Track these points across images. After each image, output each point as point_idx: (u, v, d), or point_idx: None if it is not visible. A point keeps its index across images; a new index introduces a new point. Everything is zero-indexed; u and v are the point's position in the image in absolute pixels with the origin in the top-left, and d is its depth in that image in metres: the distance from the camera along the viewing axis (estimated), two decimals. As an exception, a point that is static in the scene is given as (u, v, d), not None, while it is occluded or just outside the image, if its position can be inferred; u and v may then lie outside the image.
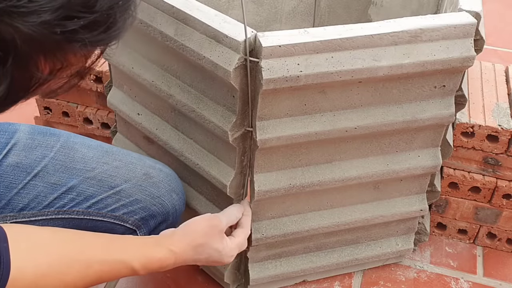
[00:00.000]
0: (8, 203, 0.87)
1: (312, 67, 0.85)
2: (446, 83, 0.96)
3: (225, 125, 0.91)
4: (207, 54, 0.87)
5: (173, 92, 0.98)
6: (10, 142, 0.89)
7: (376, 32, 0.87)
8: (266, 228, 1.04)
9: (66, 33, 0.46)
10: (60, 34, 0.46)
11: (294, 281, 1.18)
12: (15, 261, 0.63)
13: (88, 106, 1.40)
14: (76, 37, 0.48)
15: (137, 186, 0.93)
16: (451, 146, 1.07)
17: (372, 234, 1.16)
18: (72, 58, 0.51)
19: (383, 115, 0.96)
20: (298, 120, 0.92)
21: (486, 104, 1.18)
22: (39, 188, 0.88)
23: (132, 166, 0.94)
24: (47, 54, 0.48)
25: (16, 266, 0.63)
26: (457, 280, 1.22)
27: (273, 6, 1.46)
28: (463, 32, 0.91)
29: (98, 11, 0.48)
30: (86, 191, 0.90)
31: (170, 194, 0.95)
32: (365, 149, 1.01)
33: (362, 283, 1.20)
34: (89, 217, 0.91)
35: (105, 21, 0.49)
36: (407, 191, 1.11)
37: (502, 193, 1.19)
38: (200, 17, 0.88)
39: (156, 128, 1.07)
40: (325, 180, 1.00)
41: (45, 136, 0.92)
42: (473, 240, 1.30)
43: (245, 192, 1.01)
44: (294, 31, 0.86)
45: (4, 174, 0.88)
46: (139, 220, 0.93)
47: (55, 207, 0.89)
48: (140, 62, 1.03)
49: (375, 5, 1.44)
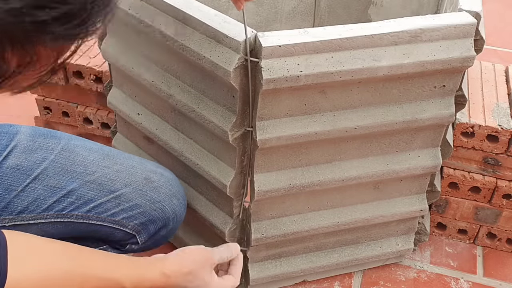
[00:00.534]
0: (7, 205, 0.87)
1: (312, 67, 0.85)
2: (446, 83, 0.96)
3: (225, 125, 0.91)
4: (207, 54, 0.87)
5: (173, 92, 0.98)
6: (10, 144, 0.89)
7: (376, 32, 0.87)
8: (266, 228, 1.04)
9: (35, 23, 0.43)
10: (29, 24, 0.43)
11: (294, 281, 1.18)
12: (12, 270, 0.63)
13: (88, 106, 1.40)
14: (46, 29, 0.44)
15: (138, 191, 0.92)
16: (451, 146, 1.07)
17: (372, 234, 1.16)
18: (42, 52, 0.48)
19: (383, 115, 0.96)
20: (298, 120, 0.92)
21: (486, 104, 1.18)
22: (39, 191, 0.88)
23: (133, 170, 0.94)
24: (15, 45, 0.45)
25: (12, 276, 0.63)
26: (457, 280, 1.22)
27: (273, 6, 1.46)
28: (463, 32, 0.91)
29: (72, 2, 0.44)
30: (86, 195, 0.90)
31: (170, 199, 0.95)
32: (365, 149, 1.01)
33: (362, 283, 1.20)
34: (88, 221, 0.90)
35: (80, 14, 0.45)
36: (407, 191, 1.11)
37: (502, 193, 1.19)
38: (200, 17, 0.88)
39: (156, 128, 1.07)
40: (325, 180, 1.00)
41: (45, 138, 0.92)
42: (473, 240, 1.30)
43: (245, 192, 1.01)
44: (294, 31, 0.86)
45: (3, 176, 0.87)
46: (139, 225, 0.93)
47: (54, 211, 0.89)
48: (140, 62, 1.03)
49: (375, 5, 1.44)
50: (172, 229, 0.97)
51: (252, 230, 1.03)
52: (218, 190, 1.01)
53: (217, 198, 1.05)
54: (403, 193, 1.11)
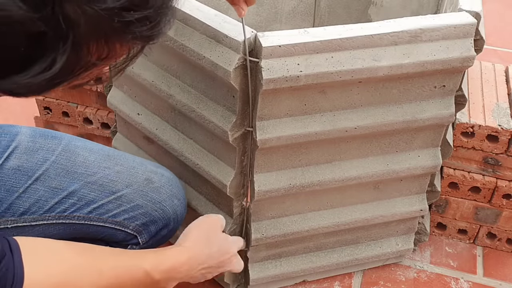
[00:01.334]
0: (9, 207, 0.87)
1: (312, 67, 0.85)
2: (446, 83, 0.96)
3: (225, 125, 0.91)
4: (207, 54, 0.87)
5: (173, 92, 0.98)
6: (11, 145, 0.89)
7: (376, 32, 0.87)
8: (266, 228, 1.04)
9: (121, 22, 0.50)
10: (117, 22, 0.49)
11: (294, 281, 1.18)
12: (29, 273, 0.65)
13: (88, 106, 1.40)
14: (129, 28, 0.51)
15: (138, 191, 0.92)
16: (451, 146, 1.07)
17: (372, 234, 1.16)
18: (118, 49, 0.54)
19: (383, 115, 0.96)
20: (298, 120, 0.92)
21: (486, 104, 1.18)
22: (40, 192, 0.88)
23: (134, 171, 0.94)
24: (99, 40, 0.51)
25: (29, 278, 0.65)
26: (457, 280, 1.22)
27: (273, 6, 1.46)
28: (463, 32, 0.91)
29: (151, 7, 0.51)
30: (87, 196, 0.90)
31: (171, 200, 0.95)
32: (365, 149, 1.01)
33: (362, 283, 1.20)
34: (90, 222, 0.90)
35: (155, 18, 0.53)
36: (407, 191, 1.11)
37: (502, 193, 1.19)
38: (200, 17, 0.88)
39: (156, 128, 1.07)
40: (325, 180, 1.00)
41: (46, 139, 0.92)
42: (473, 240, 1.30)
43: (245, 192, 1.01)
44: (294, 31, 0.86)
45: (5, 177, 0.87)
46: (140, 226, 0.93)
47: (56, 212, 0.89)
48: (140, 62, 1.03)
49: (375, 5, 1.44)
50: (173, 229, 0.97)
51: (252, 230, 1.03)
52: (218, 190, 1.01)
53: (217, 198, 1.05)
54: (403, 193, 1.11)
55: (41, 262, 0.68)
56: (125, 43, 0.54)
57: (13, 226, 0.87)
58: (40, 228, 0.88)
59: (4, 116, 1.55)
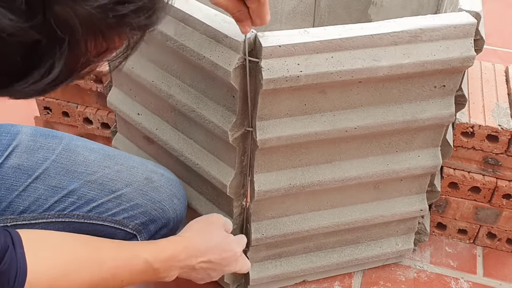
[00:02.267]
0: (9, 205, 0.87)
1: (312, 67, 0.85)
2: (446, 83, 0.96)
3: (225, 125, 0.91)
4: (207, 54, 0.87)
5: (173, 92, 0.98)
6: (12, 144, 0.89)
7: (376, 32, 0.87)
8: (266, 228, 1.04)
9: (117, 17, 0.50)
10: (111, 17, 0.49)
11: (294, 281, 1.18)
12: (31, 266, 0.65)
13: (88, 106, 1.40)
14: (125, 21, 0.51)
15: (138, 191, 0.92)
16: (451, 146, 1.07)
17: (372, 234, 1.16)
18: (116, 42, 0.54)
19: (383, 115, 0.96)
20: (298, 120, 0.92)
21: (486, 104, 1.18)
22: (40, 191, 0.88)
23: (134, 170, 0.94)
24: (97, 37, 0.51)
25: (32, 271, 0.65)
26: (457, 280, 1.22)
27: (273, 6, 1.46)
28: (463, 32, 0.91)
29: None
30: (87, 194, 0.90)
31: (171, 199, 0.95)
32: (365, 149, 1.01)
33: (362, 283, 1.20)
34: (89, 221, 0.91)
35: (151, 7, 0.52)
36: (407, 191, 1.11)
37: (502, 193, 1.19)
38: (200, 17, 0.88)
39: (156, 128, 1.07)
40: (325, 180, 1.00)
41: (47, 138, 0.92)
42: (473, 240, 1.30)
43: (245, 192, 1.01)
44: (294, 31, 0.86)
45: (5, 176, 0.87)
46: (140, 225, 0.93)
47: (56, 211, 0.89)
48: (140, 62, 1.03)
49: (375, 5, 1.44)
50: (172, 228, 0.97)
51: (252, 230, 1.03)
52: (218, 190, 1.01)
53: (217, 198, 1.05)
54: (403, 193, 1.11)
55: (43, 254, 0.69)
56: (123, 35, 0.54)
57: (13, 225, 0.88)
58: (39, 226, 0.89)
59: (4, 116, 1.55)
